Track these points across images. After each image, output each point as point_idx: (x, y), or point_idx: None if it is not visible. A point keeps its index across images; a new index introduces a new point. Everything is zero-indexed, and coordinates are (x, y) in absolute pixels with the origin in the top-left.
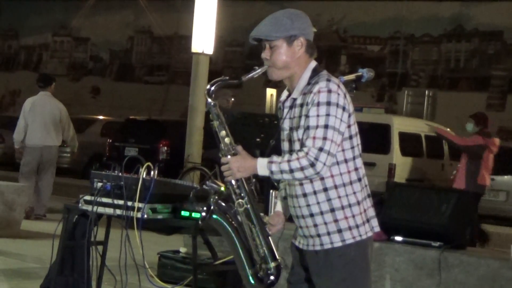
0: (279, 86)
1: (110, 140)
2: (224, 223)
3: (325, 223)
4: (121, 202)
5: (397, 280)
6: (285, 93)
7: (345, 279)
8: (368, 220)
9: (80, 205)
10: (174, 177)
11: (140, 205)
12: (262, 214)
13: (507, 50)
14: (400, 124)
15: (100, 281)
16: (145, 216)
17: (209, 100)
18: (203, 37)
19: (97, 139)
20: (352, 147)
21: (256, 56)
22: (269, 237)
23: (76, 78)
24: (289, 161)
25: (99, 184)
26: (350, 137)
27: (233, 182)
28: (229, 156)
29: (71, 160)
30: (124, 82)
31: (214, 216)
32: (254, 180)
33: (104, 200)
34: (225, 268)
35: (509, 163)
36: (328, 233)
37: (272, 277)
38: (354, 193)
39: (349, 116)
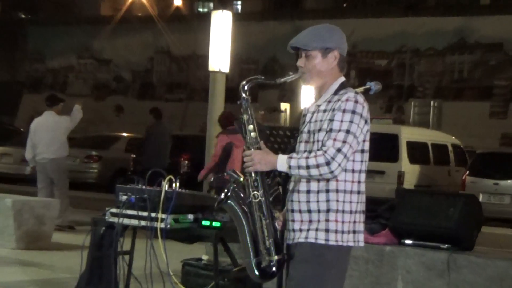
0: (293, 100)
1: (134, 155)
2: (237, 210)
3: (318, 221)
4: (145, 213)
5: (408, 281)
6: (312, 102)
7: (314, 277)
8: (354, 232)
9: (106, 217)
10: (195, 189)
11: (163, 216)
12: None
13: (508, 60)
14: (407, 134)
15: None
16: (168, 226)
17: (243, 94)
18: (220, 56)
19: (122, 155)
20: (362, 161)
21: (270, 72)
22: (277, 232)
23: (100, 98)
24: (307, 158)
25: (124, 197)
26: (362, 151)
27: (253, 174)
28: (252, 149)
29: (98, 176)
30: (146, 100)
31: (229, 201)
32: (272, 176)
33: (129, 212)
34: (245, 274)
35: None
36: (316, 229)
37: (274, 269)
38: (350, 202)
39: (367, 131)
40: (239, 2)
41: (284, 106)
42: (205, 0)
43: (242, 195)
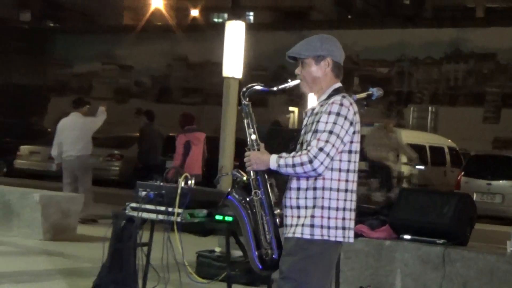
0: (300, 104)
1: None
2: (238, 206)
3: (305, 216)
4: (162, 208)
5: (406, 274)
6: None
7: (299, 270)
8: (343, 228)
9: (127, 211)
10: (209, 186)
11: (179, 210)
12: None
13: (500, 69)
14: (406, 137)
15: (146, 278)
16: (184, 220)
17: (244, 101)
18: (233, 63)
19: None
20: (349, 161)
21: (278, 78)
22: (278, 227)
23: (122, 101)
24: (293, 156)
25: (144, 193)
26: (350, 152)
27: (252, 174)
28: (251, 150)
29: (119, 173)
30: (164, 103)
31: (230, 198)
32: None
33: (148, 206)
34: None
35: (504, 170)
36: (303, 225)
37: (275, 261)
38: (337, 200)
39: (354, 132)
40: (251, 13)
41: (292, 109)
42: (220, 11)
43: (243, 192)
